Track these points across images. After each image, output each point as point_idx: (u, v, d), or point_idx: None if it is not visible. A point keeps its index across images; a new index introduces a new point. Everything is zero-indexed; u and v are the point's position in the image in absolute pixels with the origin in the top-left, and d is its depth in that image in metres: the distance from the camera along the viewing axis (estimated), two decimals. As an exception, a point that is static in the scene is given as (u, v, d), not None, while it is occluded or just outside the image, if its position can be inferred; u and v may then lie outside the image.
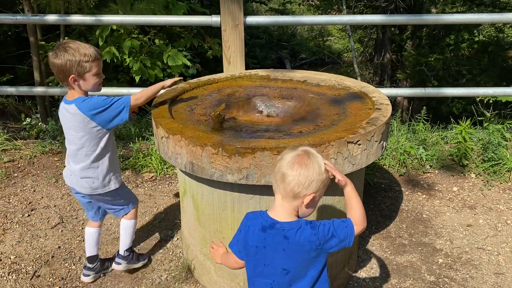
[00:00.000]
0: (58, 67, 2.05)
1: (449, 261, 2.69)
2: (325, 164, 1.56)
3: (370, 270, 2.61)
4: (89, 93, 2.18)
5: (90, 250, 2.49)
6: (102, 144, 2.18)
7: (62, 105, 2.16)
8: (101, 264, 2.54)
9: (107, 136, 2.19)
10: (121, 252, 2.50)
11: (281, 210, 1.57)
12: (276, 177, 1.55)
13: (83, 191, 2.27)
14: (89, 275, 2.51)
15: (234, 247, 1.69)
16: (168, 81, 2.37)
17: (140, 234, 2.93)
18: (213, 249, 1.92)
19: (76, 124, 2.12)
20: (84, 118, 2.10)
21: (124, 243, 2.49)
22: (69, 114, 2.13)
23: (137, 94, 2.22)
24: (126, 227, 2.48)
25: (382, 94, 2.48)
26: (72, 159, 2.23)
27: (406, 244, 2.85)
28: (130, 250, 2.52)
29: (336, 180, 1.66)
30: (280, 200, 1.56)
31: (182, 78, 2.53)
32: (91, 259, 2.50)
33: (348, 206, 1.68)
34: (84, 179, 2.22)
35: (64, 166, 2.34)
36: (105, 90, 4.48)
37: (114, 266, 2.52)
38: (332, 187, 1.76)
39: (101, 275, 2.56)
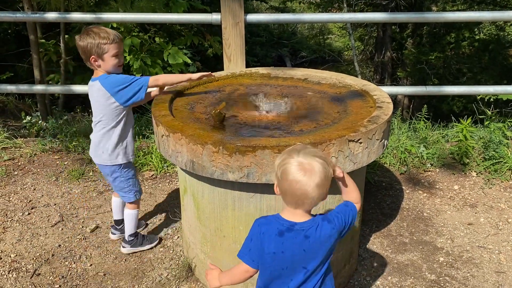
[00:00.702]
0: (81, 48, 2.31)
1: (450, 260, 2.68)
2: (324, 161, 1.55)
3: (371, 269, 2.61)
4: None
5: (116, 215, 2.80)
6: (117, 119, 2.38)
7: (90, 82, 2.40)
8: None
9: (123, 113, 2.39)
10: (126, 237, 2.72)
11: (297, 211, 1.54)
12: (289, 187, 1.49)
13: (96, 161, 2.50)
14: (115, 234, 2.85)
15: (246, 256, 1.60)
16: (196, 74, 2.50)
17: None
18: (209, 274, 1.75)
19: (98, 99, 2.34)
20: (105, 94, 2.31)
21: (127, 230, 2.70)
22: (94, 90, 2.35)
23: (157, 76, 2.40)
24: (127, 216, 2.66)
25: (383, 92, 2.47)
26: (94, 129, 2.47)
27: (407, 242, 2.84)
28: (134, 235, 2.72)
29: (336, 174, 1.66)
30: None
31: (211, 73, 2.60)
32: (117, 222, 2.82)
33: (346, 189, 1.71)
34: (98, 148, 2.45)
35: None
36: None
37: (121, 248, 2.76)
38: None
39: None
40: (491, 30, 11.34)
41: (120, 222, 2.80)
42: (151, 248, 2.78)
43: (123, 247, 2.73)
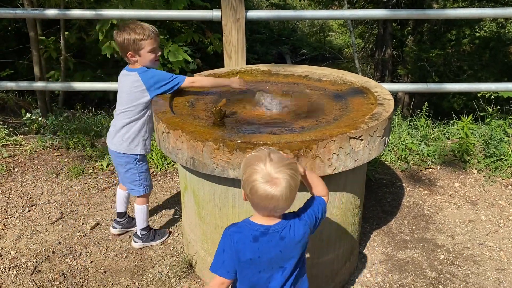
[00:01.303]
0: (118, 44, 2.38)
1: (451, 257, 2.68)
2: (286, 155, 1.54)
3: (371, 266, 2.61)
4: None
5: (119, 207, 2.81)
6: (143, 111, 2.44)
7: (123, 72, 2.46)
8: (128, 222, 2.85)
9: (148, 105, 2.43)
10: (138, 232, 2.74)
11: (269, 217, 1.54)
12: (260, 201, 1.46)
13: (112, 148, 2.53)
14: (116, 228, 2.85)
15: (220, 269, 1.55)
16: (236, 83, 2.51)
17: (140, 230, 2.93)
18: None
19: (132, 89, 2.38)
20: (141, 86, 2.36)
21: (139, 224, 2.72)
22: (128, 81, 2.40)
23: (195, 78, 2.48)
24: (138, 211, 2.68)
25: (385, 89, 2.46)
26: (116, 117, 2.51)
27: (407, 240, 2.84)
28: (146, 229, 2.74)
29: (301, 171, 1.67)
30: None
31: (247, 86, 2.59)
32: (119, 215, 2.82)
33: (311, 184, 1.71)
34: (118, 136, 2.49)
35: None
36: (105, 85, 4.47)
37: (132, 243, 2.77)
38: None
39: (126, 232, 2.86)
40: (491, 28, 11.30)
41: (122, 215, 2.82)
42: (163, 241, 2.79)
43: (135, 241, 2.75)
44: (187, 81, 2.42)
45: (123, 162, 2.54)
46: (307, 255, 2.20)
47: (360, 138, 1.96)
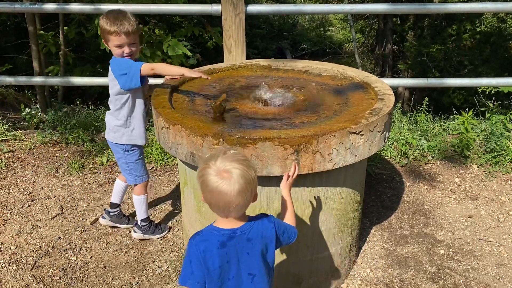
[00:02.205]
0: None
1: (451, 252, 2.68)
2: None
3: (371, 261, 2.61)
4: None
5: (113, 198, 2.82)
6: (122, 101, 2.43)
7: None
8: (118, 216, 2.85)
9: (128, 96, 2.42)
10: (138, 222, 2.75)
11: (230, 219, 1.51)
12: (212, 197, 1.44)
13: (106, 135, 2.57)
14: (105, 219, 2.86)
15: (190, 281, 1.49)
16: (191, 73, 2.38)
17: (140, 225, 2.93)
18: None
19: (110, 78, 2.42)
20: (111, 75, 2.38)
21: (138, 215, 2.73)
22: (109, 68, 2.42)
23: (153, 64, 2.38)
24: (135, 202, 2.70)
25: (385, 84, 2.45)
26: (109, 105, 2.53)
27: (407, 235, 2.84)
28: (146, 220, 2.74)
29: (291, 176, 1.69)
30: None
31: (207, 76, 2.46)
32: (112, 205, 2.83)
33: (286, 209, 1.71)
34: (107, 124, 2.54)
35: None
36: (105, 80, 4.45)
37: (132, 233, 2.79)
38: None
39: (115, 227, 2.87)
40: (492, 22, 11.26)
41: (115, 206, 2.83)
42: (162, 236, 2.79)
43: (135, 231, 2.76)
44: (146, 69, 2.30)
45: (114, 151, 2.60)
46: (307, 250, 2.20)
47: (360, 133, 1.95)
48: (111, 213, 2.84)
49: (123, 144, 2.53)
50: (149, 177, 2.73)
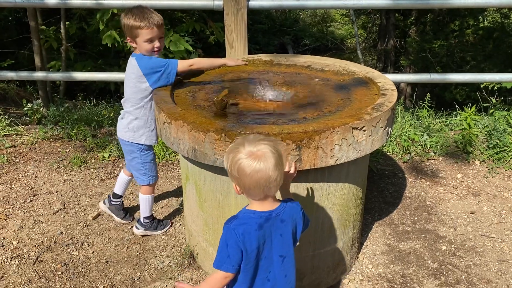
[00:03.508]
0: (122, 26, 2.35)
1: (453, 248, 2.67)
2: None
3: (373, 257, 2.60)
4: None
5: (116, 188, 2.84)
6: (146, 99, 2.39)
7: (130, 58, 2.42)
8: (118, 208, 2.87)
9: (150, 94, 2.37)
10: (141, 219, 2.75)
11: (267, 201, 1.56)
12: (251, 181, 1.48)
13: (119, 134, 2.54)
14: (105, 204, 2.90)
15: (225, 264, 1.53)
16: (232, 61, 2.53)
17: (142, 220, 2.93)
18: None
19: (130, 75, 2.36)
20: (138, 72, 2.32)
21: (142, 212, 2.73)
22: (129, 64, 2.39)
23: (191, 60, 2.42)
24: (142, 201, 2.69)
25: (388, 80, 2.44)
26: (123, 104, 2.50)
27: (409, 231, 2.83)
28: (149, 218, 2.74)
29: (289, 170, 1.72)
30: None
31: (244, 62, 2.58)
32: (114, 195, 2.85)
33: (287, 192, 1.77)
34: (124, 122, 2.49)
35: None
36: (106, 75, 4.44)
37: (133, 229, 2.79)
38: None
39: (112, 216, 2.90)
40: (495, 18, 11.20)
41: (117, 196, 2.84)
42: (164, 232, 2.80)
43: (137, 228, 2.76)
44: (184, 65, 2.36)
45: (128, 150, 2.55)
46: (309, 245, 2.20)
47: (363, 129, 1.94)
48: (112, 202, 2.86)
49: (142, 144, 2.50)
50: (158, 178, 2.73)
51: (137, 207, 2.96)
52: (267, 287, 1.60)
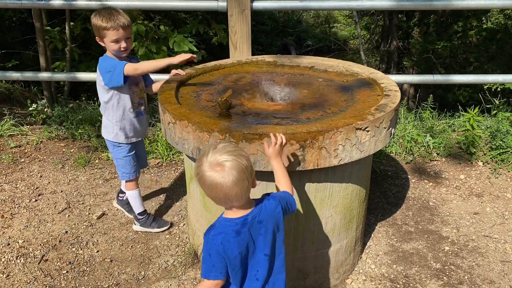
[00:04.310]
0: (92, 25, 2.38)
1: (456, 249, 2.68)
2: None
3: (376, 257, 2.61)
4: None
5: (122, 185, 2.88)
6: (106, 98, 2.47)
7: None
8: (124, 202, 2.95)
9: (112, 94, 2.45)
10: (136, 216, 2.82)
11: (236, 208, 1.55)
12: (211, 192, 1.48)
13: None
14: (115, 199, 3.05)
15: (212, 273, 1.53)
16: (176, 58, 2.43)
17: (146, 220, 2.95)
18: None
19: (97, 75, 2.46)
20: (98, 72, 2.43)
21: (134, 209, 2.81)
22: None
23: (137, 64, 2.43)
24: (129, 197, 2.80)
25: (391, 81, 2.45)
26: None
27: (412, 231, 2.84)
28: (143, 213, 2.81)
29: (266, 151, 1.74)
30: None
31: (192, 55, 2.47)
32: (121, 191, 2.97)
33: (280, 176, 1.77)
34: (103, 119, 2.60)
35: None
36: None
37: (133, 226, 2.87)
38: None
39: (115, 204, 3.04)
40: (499, 19, 11.18)
41: (123, 192, 2.92)
42: (161, 231, 2.82)
43: (134, 224, 2.85)
44: (131, 67, 2.36)
45: (107, 145, 2.66)
46: (312, 245, 2.21)
47: (366, 129, 1.96)
48: (119, 197, 2.95)
49: (110, 141, 2.60)
50: (139, 175, 2.76)
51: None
52: (256, 286, 1.61)
